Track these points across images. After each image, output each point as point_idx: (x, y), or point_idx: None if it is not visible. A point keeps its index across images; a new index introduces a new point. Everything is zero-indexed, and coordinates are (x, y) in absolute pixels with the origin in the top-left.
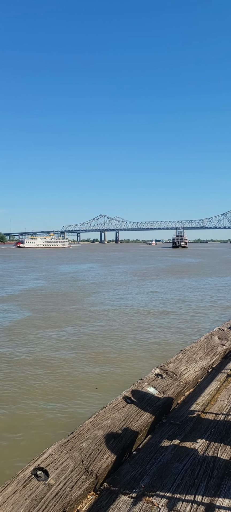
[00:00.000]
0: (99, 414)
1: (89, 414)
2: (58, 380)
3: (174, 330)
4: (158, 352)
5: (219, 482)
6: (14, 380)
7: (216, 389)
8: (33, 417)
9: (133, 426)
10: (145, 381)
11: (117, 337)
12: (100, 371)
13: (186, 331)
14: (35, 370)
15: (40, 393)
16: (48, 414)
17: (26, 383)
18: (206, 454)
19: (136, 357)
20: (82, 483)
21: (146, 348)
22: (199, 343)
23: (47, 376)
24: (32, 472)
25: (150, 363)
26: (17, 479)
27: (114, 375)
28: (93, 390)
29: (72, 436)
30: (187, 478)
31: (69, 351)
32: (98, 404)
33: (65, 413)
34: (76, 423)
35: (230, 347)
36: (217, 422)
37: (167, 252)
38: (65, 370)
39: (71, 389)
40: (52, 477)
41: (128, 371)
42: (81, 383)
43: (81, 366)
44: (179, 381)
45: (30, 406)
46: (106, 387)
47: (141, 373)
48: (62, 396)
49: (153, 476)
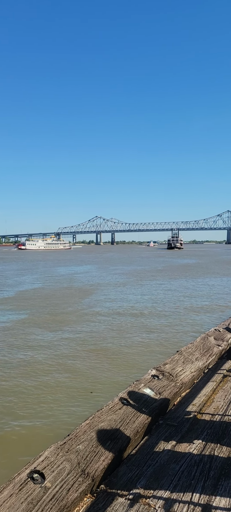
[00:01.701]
0: (95, 416)
1: (85, 416)
2: (54, 382)
3: (170, 331)
4: (154, 353)
5: (215, 483)
6: (9, 383)
7: (212, 389)
8: (29, 419)
9: (129, 428)
10: (141, 382)
11: (112, 338)
12: (96, 372)
13: (182, 332)
14: (31, 373)
15: (36, 395)
16: (44, 417)
17: (22, 385)
18: (202, 455)
19: (132, 358)
20: (78, 486)
21: (142, 349)
22: (195, 344)
23: (42, 378)
24: (28, 475)
25: (146, 364)
26: (13, 482)
27: (111, 376)
28: (91, 390)
29: (68, 438)
30: (183, 479)
31: (64, 353)
32: (95, 406)
33: (61, 415)
34: (73, 426)
35: (226, 347)
36: (214, 422)
37: (163, 253)
38: (60, 373)
39: (67, 391)
40: (48, 480)
41: (124, 372)
42: (77, 385)
43: (77, 368)
44: (175, 382)
45: (26, 408)
46: (102, 389)
47: (137, 374)
48: (58, 398)
49: (150, 477)
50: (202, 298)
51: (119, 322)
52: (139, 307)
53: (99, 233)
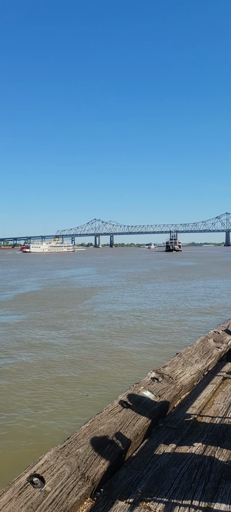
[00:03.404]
0: (95, 419)
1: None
2: (53, 385)
3: (169, 333)
4: (153, 356)
5: (216, 486)
6: (7, 387)
7: (212, 392)
8: (28, 423)
9: (129, 431)
10: (141, 385)
11: (111, 340)
12: (96, 375)
13: (181, 334)
14: (29, 376)
15: (35, 399)
16: (44, 420)
17: (23, 385)
18: (202, 457)
19: (131, 360)
20: (78, 490)
21: (142, 351)
22: (195, 346)
23: (41, 381)
24: (28, 479)
25: (145, 366)
26: (12, 486)
27: (110, 378)
28: (91, 393)
29: (68, 441)
30: (184, 482)
31: (62, 356)
32: (94, 409)
33: (61, 418)
34: (72, 429)
35: (226, 349)
36: (214, 425)
37: (162, 255)
38: (59, 375)
39: (66, 394)
40: (48, 483)
41: (123, 374)
42: (77, 387)
43: (75, 370)
44: (175, 384)
45: (25, 412)
46: (101, 392)
47: (137, 377)
48: (57, 401)
49: (150, 480)
50: (202, 300)
51: (119, 324)
52: (138, 309)
53: (98, 235)
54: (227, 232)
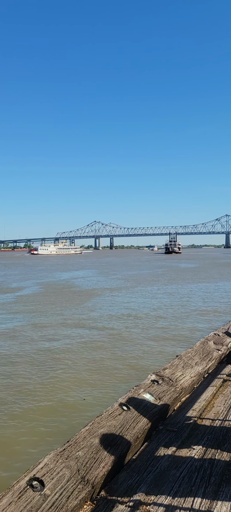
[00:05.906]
0: (95, 422)
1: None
2: (52, 388)
3: (169, 335)
4: (153, 358)
5: (216, 489)
6: (7, 390)
7: (212, 394)
8: (28, 426)
9: (129, 434)
10: (141, 388)
11: (111, 342)
12: (95, 377)
13: (181, 336)
14: (29, 378)
15: (33, 402)
16: (43, 423)
17: (22, 388)
18: (203, 460)
19: (131, 363)
20: (78, 493)
21: (142, 353)
22: (195, 349)
23: (39, 384)
24: (28, 482)
25: (145, 369)
26: (12, 490)
27: (109, 381)
28: (90, 395)
29: (68, 445)
30: (184, 486)
31: (62, 358)
32: (94, 412)
33: (60, 421)
34: (72, 432)
35: (226, 352)
36: (214, 428)
37: (162, 257)
38: (57, 377)
39: (65, 397)
40: (48, 487)
41: (123, 377)
42: (76, 390)
43: (74, 372)
44: (175, 387)
45: (24, 415)
46: (101, 395)
47: (137, 379)
48: (57, 405)
49: (150, 484)
50: (202, 302)
51: (119, 326)
52: (138, 312)
53: (98, 237)
54: (227, 234)
